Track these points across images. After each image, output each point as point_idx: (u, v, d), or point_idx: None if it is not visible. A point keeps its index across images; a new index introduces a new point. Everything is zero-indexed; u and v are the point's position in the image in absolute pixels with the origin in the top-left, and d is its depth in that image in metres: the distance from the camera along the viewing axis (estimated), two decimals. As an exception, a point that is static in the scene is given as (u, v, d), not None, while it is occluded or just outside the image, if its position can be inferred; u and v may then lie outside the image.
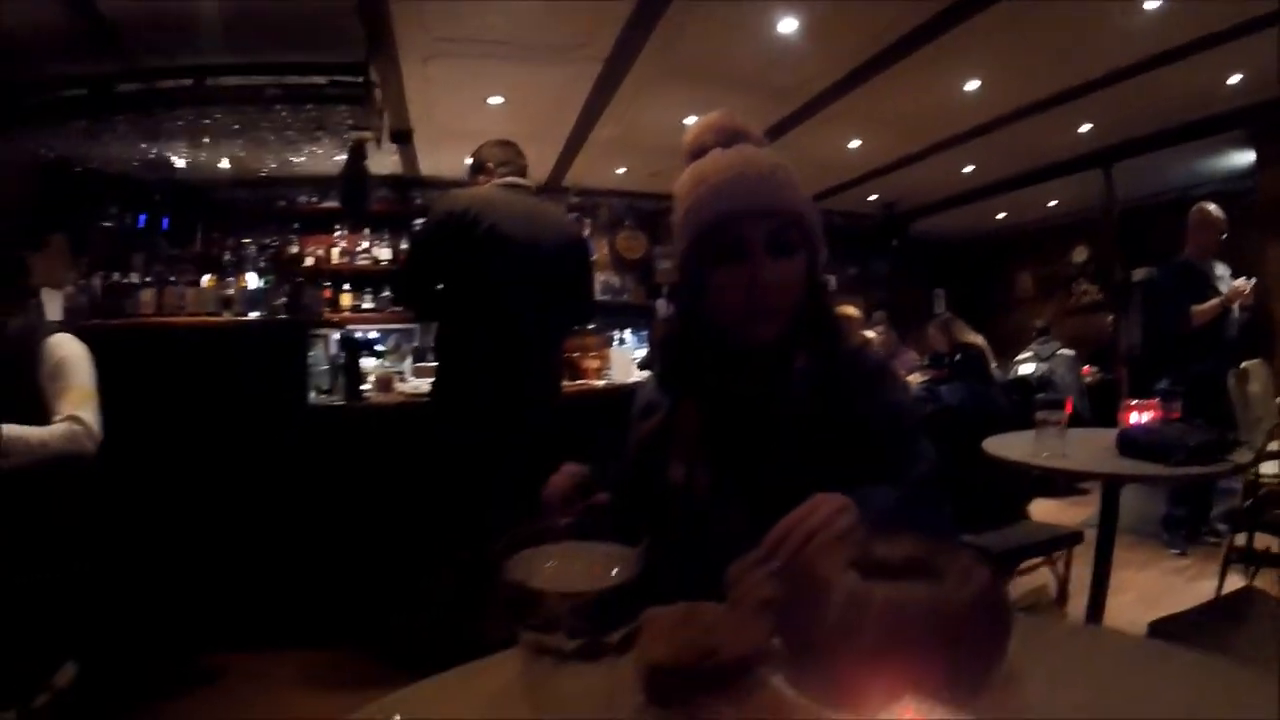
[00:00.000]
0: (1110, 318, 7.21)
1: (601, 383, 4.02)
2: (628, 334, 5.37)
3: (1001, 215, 8.76)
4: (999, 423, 2.78)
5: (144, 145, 4.64)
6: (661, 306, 6.66)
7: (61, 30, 3.65)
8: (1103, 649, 0.81)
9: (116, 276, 4.18)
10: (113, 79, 4.07)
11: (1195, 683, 0.68)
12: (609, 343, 4.63)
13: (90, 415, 2.25)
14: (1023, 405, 3.05)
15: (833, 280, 7.55)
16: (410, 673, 0.74)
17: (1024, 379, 5.50)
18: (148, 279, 4.13)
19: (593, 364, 4.14)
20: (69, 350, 2.31)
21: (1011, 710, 0.58)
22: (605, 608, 0.52)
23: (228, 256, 5.06)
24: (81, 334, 2.36)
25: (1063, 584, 2.95)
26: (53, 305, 3.41)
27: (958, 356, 3.83)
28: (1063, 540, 2.92)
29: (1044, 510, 4.02)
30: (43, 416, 2.22)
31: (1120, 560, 2.58)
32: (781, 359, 1.10)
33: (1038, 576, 3.06)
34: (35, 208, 4.71)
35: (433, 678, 0.74)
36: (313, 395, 3.27)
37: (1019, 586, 3.07)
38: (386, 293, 5.51)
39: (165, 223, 5.39)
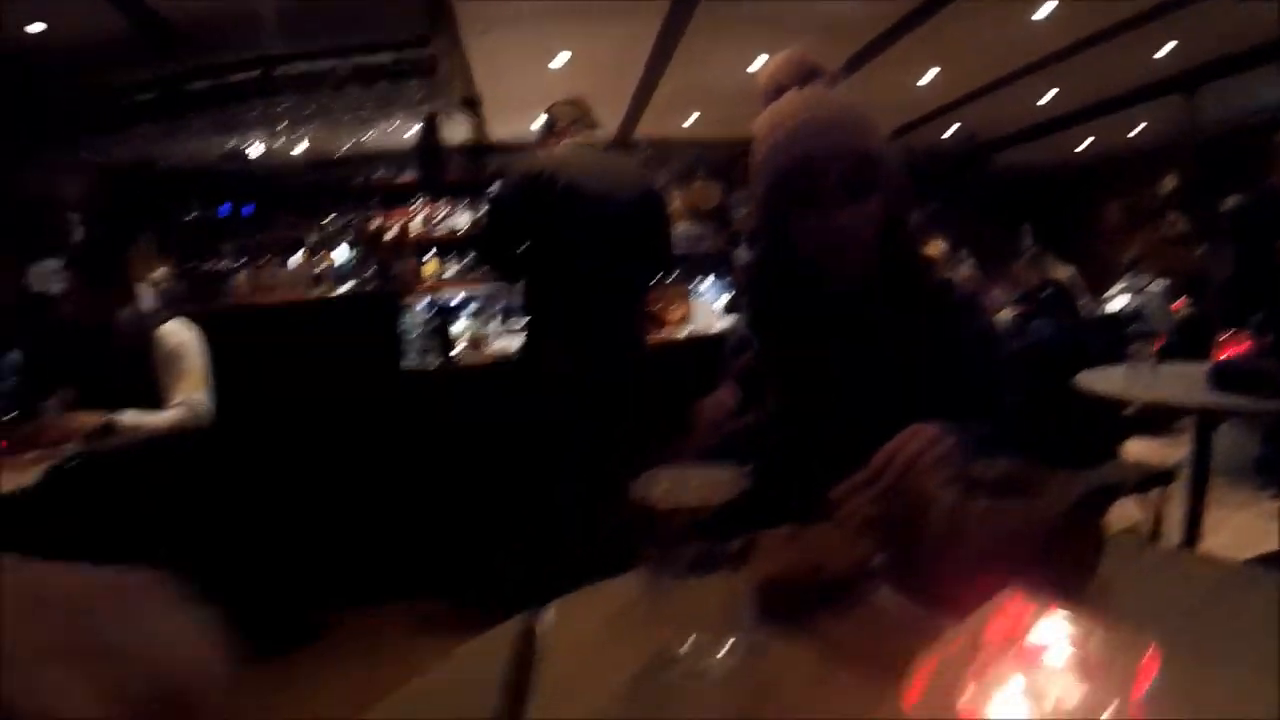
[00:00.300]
0: (1201, 249, 6.85)
1: (684, 333, 4.03)
2: (707, 284, 5.27)
3: (1086, 144, 8.36)
4: (1089, 359, 2.71)
5: (219, 138, 4.79)
6: (741, 254, 6.53)
7: (125, 37, 3.81)
8: (1197, 572, 0.81)
9: (209, 265, 4.38)
10: (182, 78, 4.24)
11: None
12: (689, 293, 4.59)
13: (202, 397, 2.43)
14: (1113, 341, 2.97)
15: (915, 217, 7.35)
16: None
17: (1114, 314, 5.31)
18: (238, 264, 4.30)
19: (674, 315, 4.15)
20: (182, 337, 2.48)
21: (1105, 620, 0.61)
22: (719, 522, 0.56)
23: (312, 238, 5.23)
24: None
25: (1155, 524, 2.88)
26: (143, 299, 3.64)
27: (1046, 293, 3.73)
28: (1154, 479, 2.83)
29: (1136, 450, 3.91)
30: (156, 399, 2.40)
31: (1214, 502, 2.50)
32: (867, 296, 1.12)
33: (1129, 517, 2.99)
34: (118, 210, 4.97)
35: (556, 600, 0.79)
36: (406, 361, 3.39)
37: (1109, 526, 3.01)
38: (468, 259, 5.62)
39: (247, 210, 5.58)
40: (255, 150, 5.19)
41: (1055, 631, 0.45)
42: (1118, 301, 5.56)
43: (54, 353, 2.77)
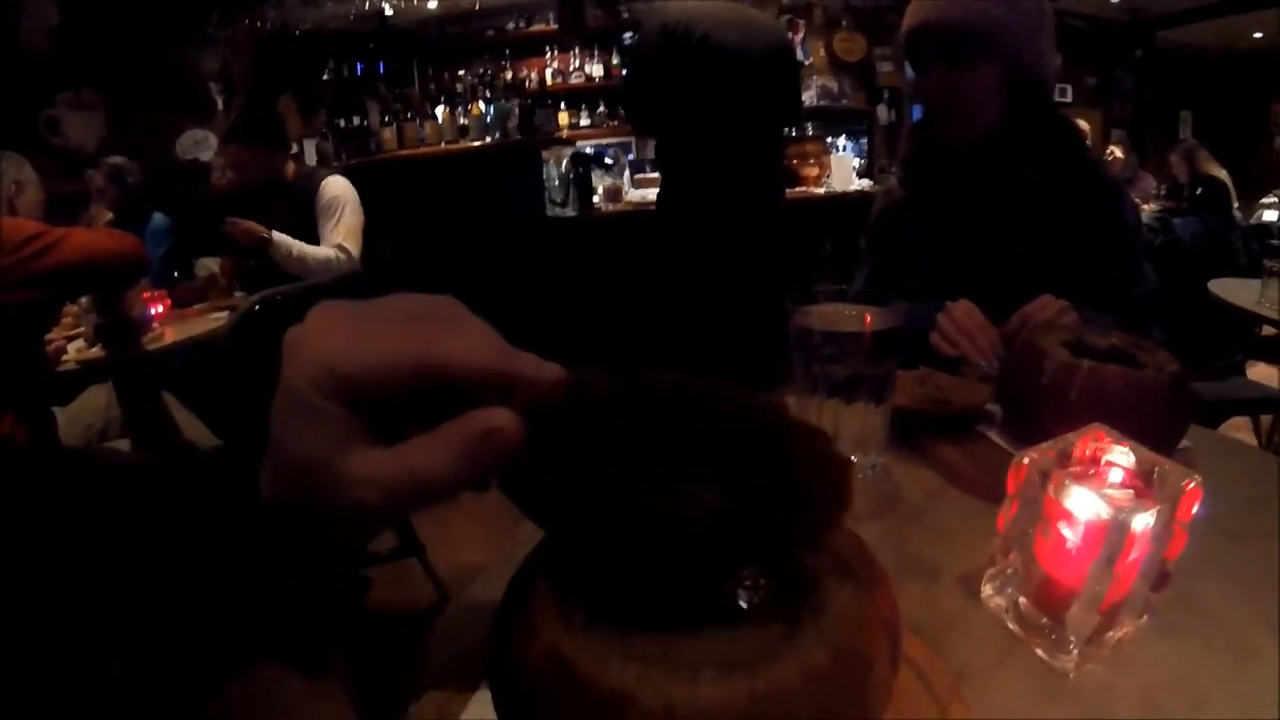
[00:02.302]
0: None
1: (821, 190, 3.95)
2: (844, 140, 5.14)
3: (1258, 35, 7.48)
4: (1232, 267, 2.61)
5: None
6: (882, 112, 6.24)
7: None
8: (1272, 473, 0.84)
9: (357, 122, 4.58)
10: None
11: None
12: (827, 150, 4.48)
13: (353, 246, 2.70)
14: (1261, 254, 2.83)
15: (1068, 90, 6.88)
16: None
17: (1266, 225, 4.94)
18: (384, 118, 4.47)
19: (811, 172, 4.08)
20: (341, 190, 2.74)
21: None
22: (871, 347, 0.71)
23: (445, 94, 5.35)
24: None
25: (1264, 448, 2.83)
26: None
27: (1198, 189, 3.53)
28: (1273, 404, 2.77)
29: (1260, 375, 3.77)
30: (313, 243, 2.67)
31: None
32: (1011, 164, 1.20)
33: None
34: (261, 74, 5.19)
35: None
36: (549, 208, 3.53)
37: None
38: (602, 108, 5.52)
39: (381, 68, 5.72)
40: (389, 9, 5.31)
41: (1124, 457, 0.58)
42: (1270, 213, 5.15)
43: (208, 214, 3.04)
